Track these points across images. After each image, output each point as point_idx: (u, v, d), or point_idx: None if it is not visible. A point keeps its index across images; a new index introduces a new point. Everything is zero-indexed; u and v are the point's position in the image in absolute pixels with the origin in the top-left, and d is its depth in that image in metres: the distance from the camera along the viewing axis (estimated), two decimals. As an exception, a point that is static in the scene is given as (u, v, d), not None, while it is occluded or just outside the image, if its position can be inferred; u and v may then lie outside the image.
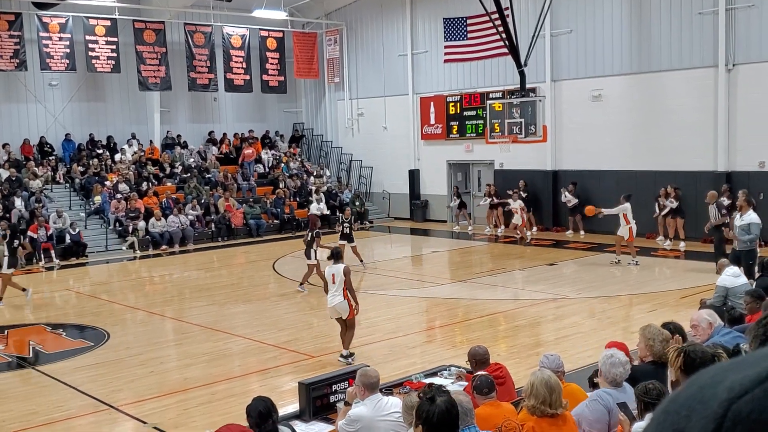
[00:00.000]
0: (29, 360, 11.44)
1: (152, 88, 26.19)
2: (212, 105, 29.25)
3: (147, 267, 21.02)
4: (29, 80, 24.82)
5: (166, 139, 27.60)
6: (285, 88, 29.43)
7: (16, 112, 25.07)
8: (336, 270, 10.43)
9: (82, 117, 26.23)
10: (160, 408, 9.07)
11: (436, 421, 3.83)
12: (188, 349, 12.01)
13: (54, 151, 25.36)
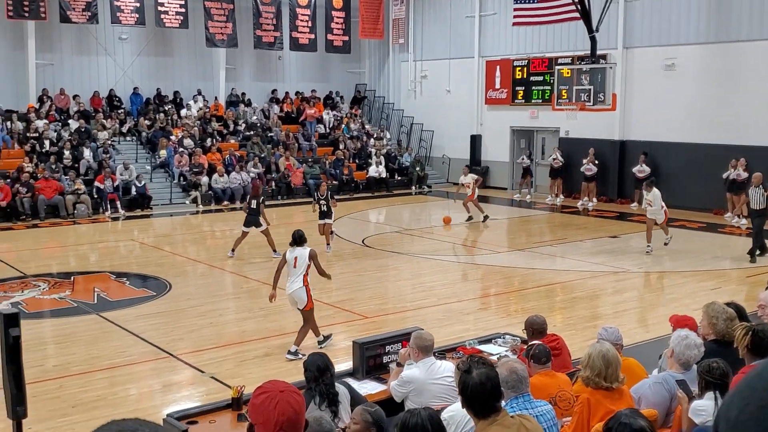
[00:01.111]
0: (94, 306, 11.79)
1: (219, 45, 26.40)
2: (276, 63, 29.34)
3: (209, 221, 21.39)
4: (100, 33, 25.27)
5: (230, 96, 27.85)
6: (349, 48, 29.31)
7: (86, 65, 25.60)
8: (300, 254, 9.29)
9: (150, 71, 26.63)
10: (217, 359, 9.26)
11: (470, 393, 3.80)
12: (246, 303, 12.22)
13: (122, 105, 25.87)
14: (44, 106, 23.93)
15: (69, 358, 9.31)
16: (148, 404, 7.92)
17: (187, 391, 8.48)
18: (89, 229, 19.53)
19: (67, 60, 25.16)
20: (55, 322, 11.04)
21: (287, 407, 2.68)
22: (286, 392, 2.74)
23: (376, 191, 25.64)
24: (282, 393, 2.72)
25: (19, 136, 22.43)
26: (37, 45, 23.80)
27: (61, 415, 7.47)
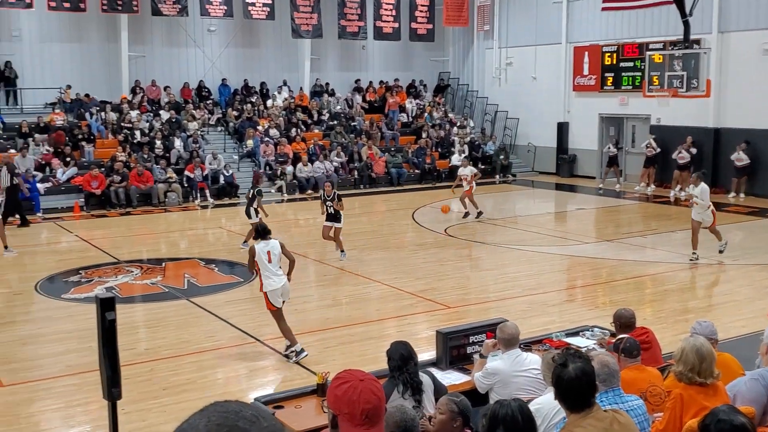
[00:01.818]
0: (184, 291, 12.12)
1: (304, 36, 26.68)
2: (360, 53, 29.45)
3: (293, 210, 21.70)
4: (189, 26, 25.91)
5: (314, 86, 28.13)
6: (433, 36, 29.14)
7: (176, 57, 26.31)
8: (272, 246, 8.93)
9: (237, 63, 27.17)
10: (302, 344, 9.36)
11: (565, 387, 3.72)
12: (329, 290, 12.33)
13: (211, 95, 26.49)
14: (136, 97, 24.74)
15: (160, 342, 9.59)
16: (235, 388, 8.09)
17: (272, 376, 8.62)
18: (179, 217, 20.11)
19: (158, 52, 25.92)
20: (147, 307, 11.40)
21: (371, 395, 2.67)
22: (366, 381, 2.72)
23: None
24: (362, 382, 2.71)
25: (112, 127, 23.26)
26: (129, 38, 24.59)
27: (153, 398, 7.70)
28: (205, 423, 1.31)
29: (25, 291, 12.11)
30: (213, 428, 1.30)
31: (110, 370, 4.99)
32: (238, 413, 1.34)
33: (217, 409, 1.34)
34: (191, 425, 1.33)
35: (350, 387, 2.69)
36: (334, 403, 2.72)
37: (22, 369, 8.77)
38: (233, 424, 1.31)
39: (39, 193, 19.68)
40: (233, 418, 1.32)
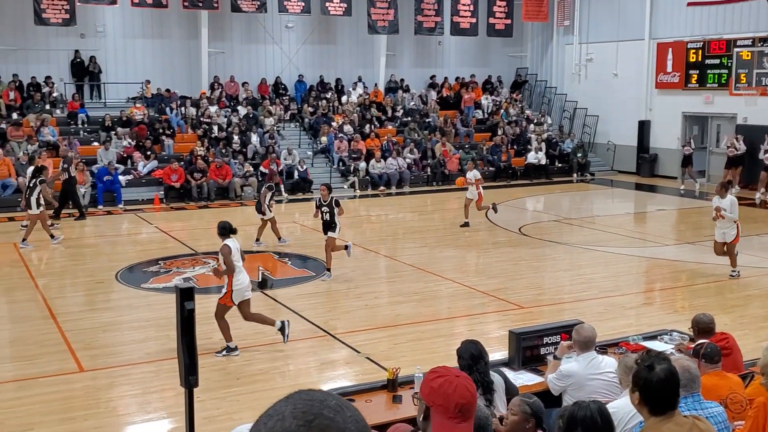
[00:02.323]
0: (258, 283, 12.29)
1: (380, 32, 26.73)
2: (436, 49, 29.33)
3: (365, 206, 21.77)
4: (267, 22, 26.29)
5: (389, 82, 28.15)
6: (511, 31, 28.76)
7: (254, 53, 26.75)
8: (239, 244, 9.14)
9: (314, 59, 27.43)
10: (372, 340, 9.38)
11: (655, 390, 3.59)
12: (400, 287, 12.30)
13: (287, 91, 26.83)
14: (215, 93, 25.26)
15: (234, 333, 9.72)
16: (306, 380, 8.14)
17: (342, 370, 8.65)
18: (255, 211, 20.40)
19: (237, 48, 26.40)
20: (222, 298, 11.60)
21: (465, 391, 2.78)
22: (461, 377, 2.84)
23: (534, 178, 25.06)
24: (458, 378, 2.83)
25: (192, 121, 23.81)
26: (209, 34, 25.12)
27: (226, 387, 7.83)
28: (291, 410, 1.32)
29: (107, 280, 12.49)
30: (299, 415, 1.31)
31: (188, 359, 5.09)
32: (323, 402, 1.35)
33: (303, 397, 1.35)
34: (277, 411, 1.34)
35: (446, 381, 2.80)
36: (429, 395, 2.82)
37: (102, 355, 9.04)
38: (318, 412, 1.32)
39: (121, 185, 20.31)
40: (318, 407, 1.33)
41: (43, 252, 14.92)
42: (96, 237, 16.87)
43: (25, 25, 22.52)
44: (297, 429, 1.29)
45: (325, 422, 1.31)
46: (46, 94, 23.18)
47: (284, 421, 1.31)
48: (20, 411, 7.33)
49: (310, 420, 1.31)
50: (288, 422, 1.31)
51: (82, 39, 24.07)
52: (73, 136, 21.91)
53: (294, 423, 1.30)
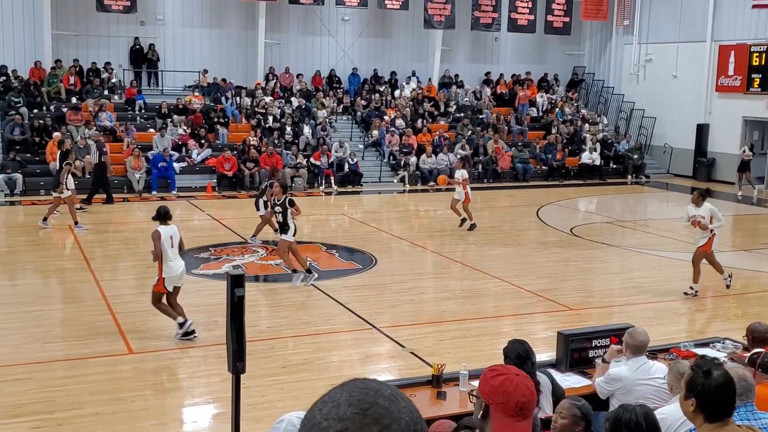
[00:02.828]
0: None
1: (436, 26, 26.60)
2: (492, 45, 29.08)
3: (414, 201, 21.73)
4: (324, 15, 26.39)
5: (443, 77, 28.02)
6: (569, 29, 28.33)
7: (310, 45, 26.88)
8: (174, 232, 9.09)
9: (368, 52, 27.44)
10: (417, 335, 9.35)
11: (712, 396, 3.47)
12: (447, 283, 12.24)
13: (341, 84, 26.90)
14: (270, 84, 25.46)
15: (281, 321, 9.82)
16: (349, 372, 8.14)
17: (387, 364, 8.63)
18: (304, 202, 20.42)
19: (293, 40, 26.56)
20: (270, 287, 11.70)
21: (526, 390, 2.78)
22: (521, 376, 2.85)
23: (588, 179, 24.67)
24: (518, 376, 2.83)
25: (246, 112, 24.04)
26: (267, 25, 25.31)
27: (272, 374, 7.88)
28: (346, 398, 1.32)
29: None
30: (354, 403, 1.31)
31: (236, 345, 5.13)
32: (378, 391, 1.34)
33: (358, 385, 1.35)
34: (332, 398, 1.34)
35: (506, 379, 2.80)
36: (489, 392, 2.81)
37: (151, 338, 9.19)
38: (374, 401, 1.32)
39: (175, 172, 20.62)
40: (373, 395, 1.33)
41: (97, 235, 15.24)
42: (149, 222, 17.14)
43: (87, 11, 23.00)
44: (352, 416, 1.29)
45: (380, 411, 1.30)
46: (105, 79, 23.65)
47: (339, 408, 1.31)
48: (70, 390, 7.49)
49: (365, 408, 1.30)
50: (343, 409, 1.31)
51: (141, 26, 24.49)
52: (130, 122, 22.33)
53: (349, 410, 1.30)
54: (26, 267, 12.42)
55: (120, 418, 6.86)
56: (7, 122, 20.51)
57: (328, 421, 1.30)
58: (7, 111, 21.03)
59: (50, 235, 15.19)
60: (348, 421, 1.29)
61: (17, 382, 7.69)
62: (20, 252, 13.53)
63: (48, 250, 14.22)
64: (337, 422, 1.29)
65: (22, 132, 20.31)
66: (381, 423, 1.29)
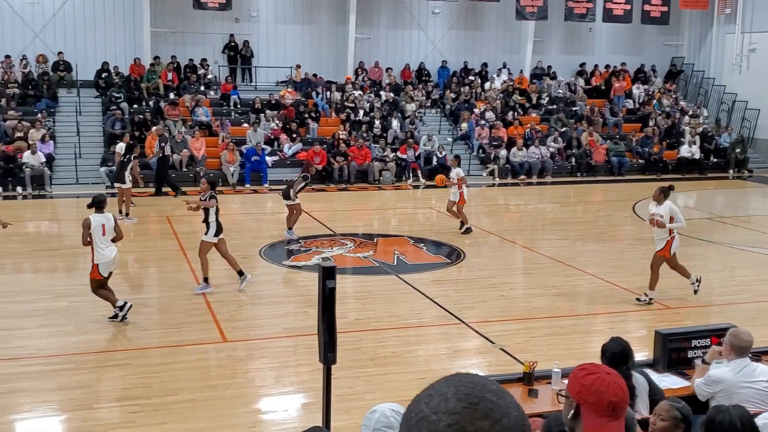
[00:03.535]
0: (393, 267, 12.37)
1: (528, 18, 26.15)
2: (586, 35, 28.36)
3: (504, 195, 21.44)
4: (414, 8, 26.36)
5: (535, 69, 27.53)
6: (667, 19, 27.33)
7: (400, 39, 26.90)
8: (107, 219, 9.26)
9: (458, 45, 27.25)
10: (506, 331, 9.20)
11: None
12: (537, 279, 12.00)
13: (430, 77, 26.81)
14: (359, 78, 25.61)
15: (369, 314, 9.85)
16: (437, 367, 8.09)
17: (475, 359, 8.53)
18: (392, 195, 20.60)
19: (383, 34, 26.64)
20: (359, 279, 11.76)
21: (618, 390, 2.72)
22: (613, 375, 2.78)
23: (686, 173, 23.76)
24: (609, 375, 2.77)
25: (336, 106, 24.27)
26: (357, 20, 25.47)
27: (361, 366, 7.91)
28: (453, 392, 1.31)
29: (251, 255, 12.95)
30: (462, 397, 1.30)
31: (327, 336, 5.15)
32: (485, 386, 1.34)
33: (464, 380, 1.35)
34: (438, 392, 1.33)
35: (597, 378, 2.74)
36: (580, 392, 2.77)
37: (244, 327, 9.38)
38: (482, 395, 1.31)
39: (267, 166, 21.02)
40: (481, 390, 1.32)
41: (191, 226, 15.68)
42: (242, 214, 17.57)
43: (184, 9, 23.70)
44: (461, 411, 1.28)
45: (490, 405, 1.30)
46: (201, 75, 24.32)
47: (448, 402, 1.30)
48: (166, 376, 7.72)
49: (474, 402, 1.29)
50: (452, 403, 1.30)
51: (236, 23, 25.06)
52: (225, 117, 22.89)
53: (458, 405, 1.29)
54: (127, 256, 12.88)
55: (213, 405, 7.02)
56: (109, 117, 21.37)
57: (437, 415, 1.29)
58: (108, 106, 21.90)
59: (147, 225, 15.74)
60: (458, 414, 1.28)
61: (117, 367, 7.99)
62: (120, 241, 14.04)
63: (146, 240, 14.73)
64: (447, 416, 1.28)
65: (122, 126, 21.12)
66: (491, 417, 1.28)
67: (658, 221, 10.18)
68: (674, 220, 10.23)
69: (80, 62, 23.03)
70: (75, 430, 6.58)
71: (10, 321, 9.24)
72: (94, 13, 23.77)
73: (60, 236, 15.46)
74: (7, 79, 22.19)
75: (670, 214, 10.20)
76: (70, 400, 7.10)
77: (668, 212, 10.22)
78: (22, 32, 23.22)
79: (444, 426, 1.27)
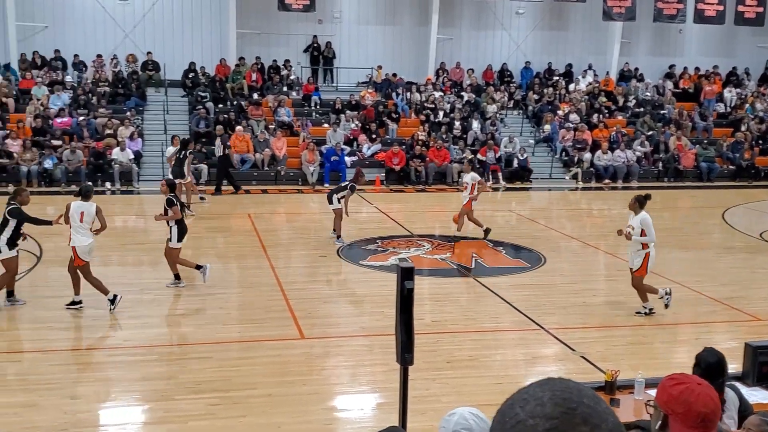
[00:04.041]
0: (471, 270, 12.24)
1: (616, 18, 25.55)
2: (676, 37, 27.51)
3: (587, 199, 20.99)
4: (498, 8, 26.11)
5: (622, 71, 26.87)
6: (762, 20, 26.27)
7: (482, 40, 26.69)
8: (87, 209, 9.57)
9: (543, 46, 26.86)
10: (587, 339, 8.98)
11: None
12: (620, 286, 11.64)
13: (512, 79, 26.49)
14: (440, 79, 25.51)
15: (446, 316, 9.77)
16: (514, 372, 7.96)
17: (554, 366, 8.34)
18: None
19: (465, 35, 26.49)
20: (436, 281, 11.68)
21: (709, 401, 2.66)
22: (703, 386, 2.71)
23: (780, 180, 22.76)
24: (700, 386, 2.70)
25: (416, 107, 24.24)
26: (439, 21, 25.39)
27: (436, 369, 7.84)
28: (549, 396, 1.28)
29: (329, 254, 13.05)
30: (560, 402, 1.26)
31: (405, 336, 5.12)
32: (581, 391, 1.30)
33: (559, 385, 1.31)
34: (533, 396, 1.30)
35: (687, 389, 2.68)
36: (668, 402, 2.73)
37: (321, 325, 9.45)
38: (579, 400, 1.27)
39: (346, 166, 21.15)
40: (578, 395, 1.28)
41: (271, 224, 15.93)
42: (320, 213, 17.71)
43: (269, 10, 24.13)
44: (560, 416, 1.25)
45: (588, 411, 1.26)
46: (284, 76, 24.70)
47: (545, 406, 1.26)
48: (245, 370, 7.84)
49: (573, 408, 1.26)
50: (549, 408, 1.26)
51: (319, 25, 25.35)
52: (306, 117, 23.17)
53: (557, 410, 1.26)
54: (208, 252, 13.18)
55: (290, 401, 7.08)
56: (194, 116, 21.94)
57: (534, 419, 1.25)
58: (194, 105, 22.48)
59: (229, 223, 16.07)
60: (557, 420, 1.25)
61: (199, 360, 8.16)
62: (203, 238, 14.38)
63: (229, 236, 15.03)
64: (545, 420, 1.25)
65: (206, 125, 21.65)
66: (590, 423, 1.25)
67: (628, 233, 9.50)
68: (644, 234, 9.47)
69: (168, 62, 23.73)
70: (157, 420, 6.75)
71: (98, 312, 9.56)
72: (182, 15, 24.46)
73: (146, 231, 15.93)
74: (98, 78, 23.05)
75: (641, 227, 9.42)
76: (153, 390, 7.28)
77: (639, 225, 9.44)
78: (113, 32, 24.09)
79: (542, 431, 1.24)
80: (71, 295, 9.65)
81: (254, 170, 20.71)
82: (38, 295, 10.27)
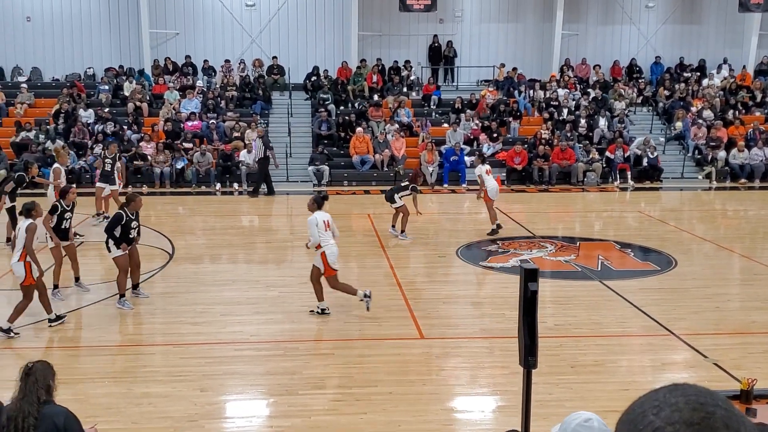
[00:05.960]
0: (597, 273, 11.86)
1: (753, 9, 24.15)
2: (821, 26, 25.72)
3: (721, 199, 19.94)
4: (626, 2, 25.26)
5: (760, 65, 25.35)
6: None
7: (609, 35, 25.88)
8: (21, 226, 9.14)
9: (674, 40, 25.79)
10: (721, 345, 8.51)
11: None
12: (757, 291, 11.00)
13: (642, 74, 25.53)
14: (564, 76, 24.90)
15: (569, 320, 9.50)
16: (641, 379, 7.63)
17: (684, 373, 7.94)
18: (596, 198, 19.84)
19: (591, 30, 25.77)
20: (559, 284, 11.39)
21: None
22: None
23: None
24: None
25: (539, 104, 23.77)
26: (564, 17, 24.81)
27: (559, 373, 7.63)
28: (684, 401, 1.25)
29: (448, 255, 12.99)
30: (697, 407, 1.23)
31: (528, 339, 5.01)
32: (714, 395, 1.26)
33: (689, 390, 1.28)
34: (666, 402, 1.26)
35: None
36: None
37: (441, 325, 9.40)
38: (715, 404, 1.24)
39: (465, 166, 21.01)
40: (712, 400, 1.25)
41: (387, 224, 16.02)
42: (440, 214, 17.70)
43: (390, 12, 24.33)
44: (700, 421, 1.21)
45: (726, 414, 1.23)
46: (404, 77, 24.82)
47: (681, 412, 1.23)
48: (367, 368, 7.90)
49: (711, 412, 1.22)
50: (686, 413, 1.22)
51: (440, 24, 25.33)
52: (426, 117, 23.19)
53: (695, 415, 1.22)
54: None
55: (411, 400, 7.08)
56: (317, 118, 22.40)
57: (673, 426, 1.21)
58: (317, 108, 22.96)
59: (349, 222, 16.29)
60: (697, 425, 1.21)
61: (322, 356, 8.31)
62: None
63: (349, 236, 15.25)
64: (685, 426, 1.21)
65: (328, 127, 22.06)
66: (731, 427, 1.22)
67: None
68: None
69: (292, 66, 24.36)
70: (281, 413, 6.91)
71: (226, 307, 9.91)
72: (306, 18, 25.06)
73: (271, 230, 16.44)
74: (226, 82, 23.95)
75: None
76: (278, 385, 7.47)
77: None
78: (240, 38, 24.98)
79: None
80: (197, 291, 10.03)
81: (374, 171, 20.92)
82: (169, 291, 10.77)
